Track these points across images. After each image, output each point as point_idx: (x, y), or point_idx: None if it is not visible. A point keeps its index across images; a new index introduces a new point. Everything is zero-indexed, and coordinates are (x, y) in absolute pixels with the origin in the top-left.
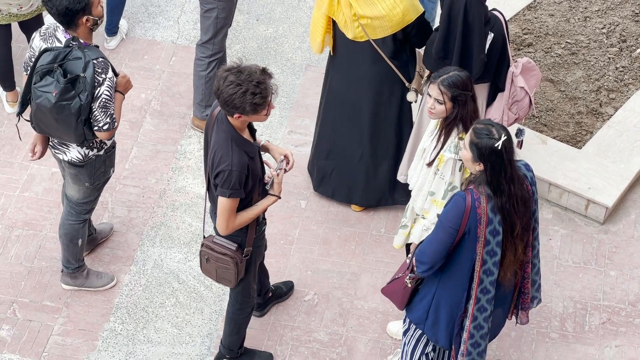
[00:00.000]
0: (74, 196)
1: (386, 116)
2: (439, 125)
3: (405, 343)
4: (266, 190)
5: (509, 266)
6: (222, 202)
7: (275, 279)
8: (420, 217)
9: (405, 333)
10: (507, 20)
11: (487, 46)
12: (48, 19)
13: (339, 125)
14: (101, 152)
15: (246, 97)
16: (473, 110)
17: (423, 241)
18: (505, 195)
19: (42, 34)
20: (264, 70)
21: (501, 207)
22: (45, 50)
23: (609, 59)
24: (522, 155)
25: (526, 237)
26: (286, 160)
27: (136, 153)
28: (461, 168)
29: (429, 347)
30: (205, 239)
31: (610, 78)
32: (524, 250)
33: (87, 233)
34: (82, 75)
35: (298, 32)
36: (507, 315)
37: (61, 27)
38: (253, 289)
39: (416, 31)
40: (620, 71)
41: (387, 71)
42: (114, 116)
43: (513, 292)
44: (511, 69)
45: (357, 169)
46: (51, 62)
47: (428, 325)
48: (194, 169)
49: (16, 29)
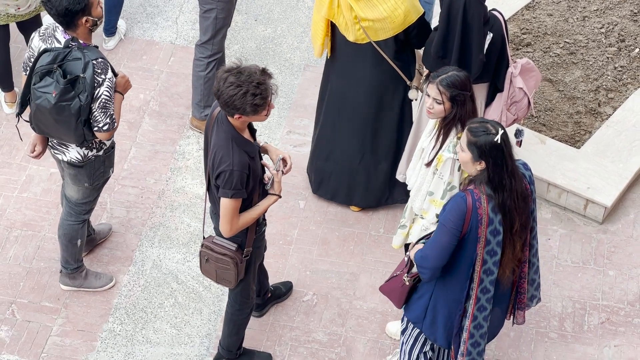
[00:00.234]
0: (73, 196)
1: (388, 116)
2: (437, 125)
3: (403, 342)
4: (266, 191)
5: (507, 264)
6: (225, 204)
7: (274, 280)
8: (419, 217)
9: (403, 332)
10: (506, 20)
11: (486, 46)
12: (46, 20)
13: (339, 127)
14: (100, 153)
15: (246, 98)
16: (472, 110)
17: (421, 245)
18: (506, 190)
19: (41, 34)
20: (263, 70)
21: (502, 204)
22: (44, 51)
23: (607, 58)
24: (520, 155)
25: (524, 235)
26: (284, 162)
27: (135, 153)
28: (460, 168)
29: (427, 346)
30: (205, 239)
31: (608, 78)
32: (521, 248)
33: (86, 233)
34: (81, 75)
35: (296, 32)
36: (506, 316)
37: (60, 28)
38: (252, 289)
39: (417, 32)
40: (619, 71)
41: (388, 72)
42: (113, 116)
43: (510, 292)
44: (510, 69)
45: (358, 170)
46: (51, 62)
47: (426, 325)
48: (192, 169)
49: (14, 29)
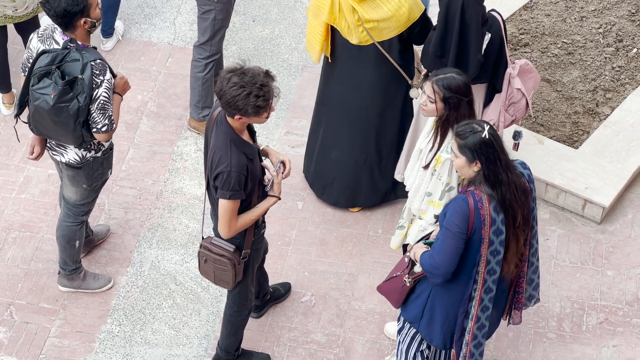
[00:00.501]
0: (72, 198)
1: (391, 115)
2: (434, 126)
3: (400, 342)
4: (266, 193)
5: (512, 258)
6: (223, 205)
7: (273, 280)
8: (417, 217)
9: (399, 331)
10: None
11: (484, 46)
12: (44, 21)
13: (343, 131)
14: (99, 154)
15: (249, 100)
16: (467, 115)
17: (423, 246)
18: (504, 185)
19: (39, 35)
20: (267, 72)
21: (502, 199)
22: (43, 52)
23: (605, 58)
24: (518, 155)
25: (527, 229)
26: (283, 165)
27: (133, 154)
28: None
29: (424, 345)
30: (204, 239)
31: (606, 78)
32: (524, 242)
33: (84, 235)
34: (80, 77)
35: (294, 33)
36: (502, 315)
37: (59, 29)
38: (251, 291)
39: (420, 29)
40: (617, 71)
41: (391, 72)
42: (112, 118)
43: (508, 291)
44: (508, 70)
45: (362, 172)
46: (49, 64)
47: (423, 324)
48: (190, 170)
49: (12, 30)
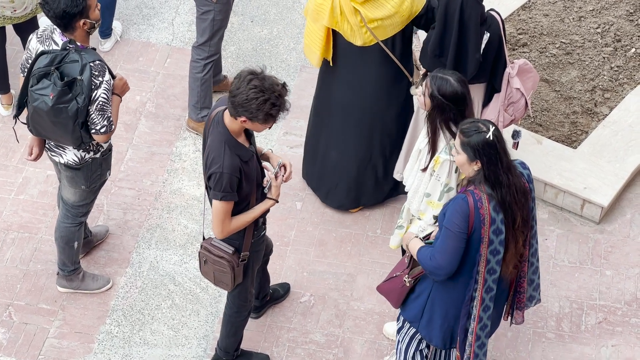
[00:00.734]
0: (70, 199)
1: (393, 113)
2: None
3: (399, 341)
4: (265, 195)
5: (511, 259)
6: (215, 206)
7: (272, 281)
8: (416, 218)
9: (398, 331)
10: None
11: (483, 46)
12: (43, 22)
13: (346, 134)
14: (97, 155)
15: (265, 106)
16: (454, 120)
17: (424, 247)
18: (504, 186)
19: (39, 36)
20: (284, 85)
21: (502, 200)
22: (42, 53)
23: (603, 58)
24: (517, 155)
25: (526, 231)
26: (283, 169)
27: (131, 155)
28: (457, 169)
29: (423, 344)
30: (204, 240)
31: (605, 78)
32: (523, 243)
33: (82, 236)
34: (79, 78)
35: (293, 33)
36: (502, 315)
37: (58, 30)
38: (251, 293)
39: (425, 20)
40: (615, 71)
41: (393, 70)
42: (111, 119)
43: (508, 291)
44: (507, 70)
45: (366, 173)
46: (48, 64)
47: (422, 324)
48: (189, 170)
49: (10, 31)
